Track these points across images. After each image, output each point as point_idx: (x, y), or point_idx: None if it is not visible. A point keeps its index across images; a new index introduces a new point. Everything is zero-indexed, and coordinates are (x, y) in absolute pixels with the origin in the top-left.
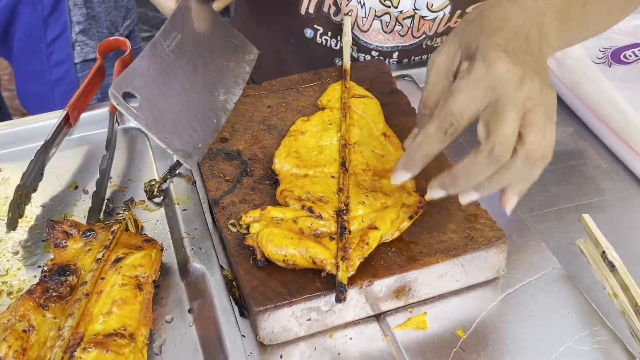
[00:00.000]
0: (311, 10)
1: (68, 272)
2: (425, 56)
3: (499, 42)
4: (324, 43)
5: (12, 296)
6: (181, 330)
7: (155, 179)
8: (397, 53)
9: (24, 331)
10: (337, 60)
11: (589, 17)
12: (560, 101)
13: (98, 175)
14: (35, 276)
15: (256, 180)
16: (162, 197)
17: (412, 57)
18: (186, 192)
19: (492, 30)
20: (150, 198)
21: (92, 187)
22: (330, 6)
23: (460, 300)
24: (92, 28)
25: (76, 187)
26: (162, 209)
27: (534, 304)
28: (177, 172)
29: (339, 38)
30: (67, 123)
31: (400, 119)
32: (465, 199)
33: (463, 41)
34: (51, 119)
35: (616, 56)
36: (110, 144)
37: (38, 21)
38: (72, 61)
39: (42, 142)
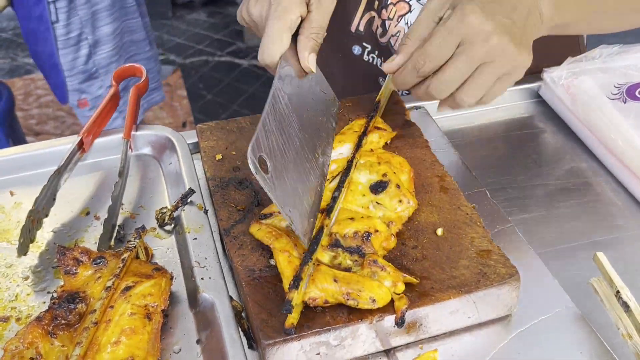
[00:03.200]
0: (361, 28)
1: (77, 300)
2: None
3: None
4: (370, 61)
5: (20, 322)
6: None
7: (167, 207)
8: None
9: (32, 359)
10: (381, 79)
11: (593, 6)
12: (574, 136)
13: (110, 202)
14: (45, 302)
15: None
16: (173, 225)
17: None
18: (197, 221)
19: None
20: (161, 226)
21: (103, 214)
22: (378, 27)
23: (472, 337)
24: None
25: (88, 213)
26: (173, 236)
27: (545, 343)
28: (188, 200)
29: (383, 59)
30: (80, 149)
31: (414, 151)
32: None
33: None
34: (65, 145)
35: (631, 92)
36: (123, 171)
37: None
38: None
39: (55, 167)
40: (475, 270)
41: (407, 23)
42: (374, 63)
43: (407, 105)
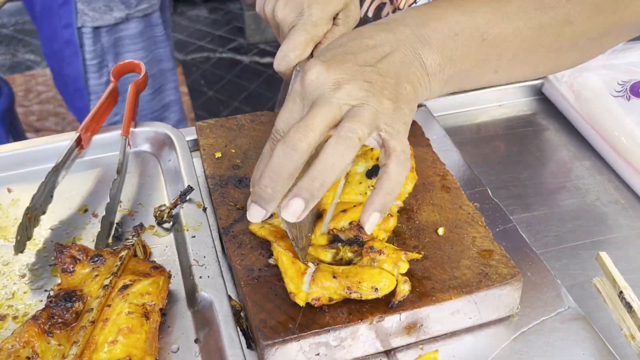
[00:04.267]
0: (370, 14)
1: (74, 298)
2: None
3: (327, 54)
4: None
5: (17, 320)
6: None
7: (165, 204)
8: None
9: (28, 358)
10: None
11: (491, 55)
12: (577, 134)
13: (108, 199)
14: (41, 300)
15: None
16: (171, 223)
17: None
18: (196, 219)
19: (334, 46)
20: (159, 223)
21: (101, 211)
22: (389, 13)
23: (473, 338)
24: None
25: (86, 210)
26: (172, 234)
27: (547, 344)
28: (187, 197)
29: None
30: (78, 145)
31: (415, 149)
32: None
33: None
34: (63, 141)
35: (635, 89)
36: (121, 168)
37: None
38: (74, 27)
39: (52, 164)
40: (477, 270)
41: None
42: None
43: None
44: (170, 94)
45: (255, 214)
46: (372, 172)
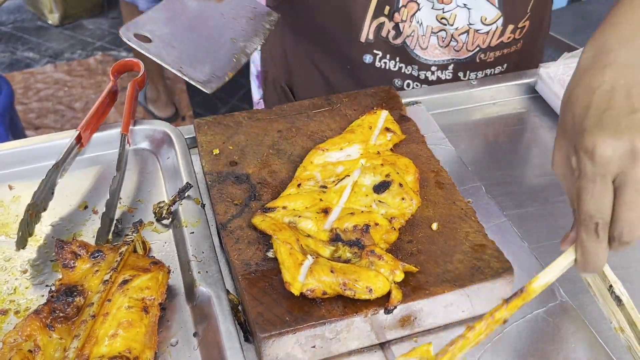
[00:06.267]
0: (371, 37)
1: (75, 293)
2: (481, 73)
3: (592, 121)
4: (382, 66)
5: (19, 315)
6: (186, 354)
7: (164, 201)
8: (452, 65)
9: (30, 351)
10: (396, 81)
11: None
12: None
13: (108, 196)
14: (43, 295)
15: (264, 205)
16: (170, 219)
17: (468, 72)
18: (195, 215)
19: (583, 110)
20: (158, 220)
21: (101, 208)
22: (389, 30)
23: None
24: None
25: (86, 207)
26: (171, 230)
27: (539, 336)
28: (186, 194)
29: (397, 60)
30: (78, 143)
31: (409, 146)
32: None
33: (566, 135)
34: (63, 139)
35: None
36: (120, 165)
37: None
38: None
39: (53, 161)
40: (470, 264)
41: (419, 22)
42: (387, 67)
43: (404, 101)
44: None
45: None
46: (380, 188)
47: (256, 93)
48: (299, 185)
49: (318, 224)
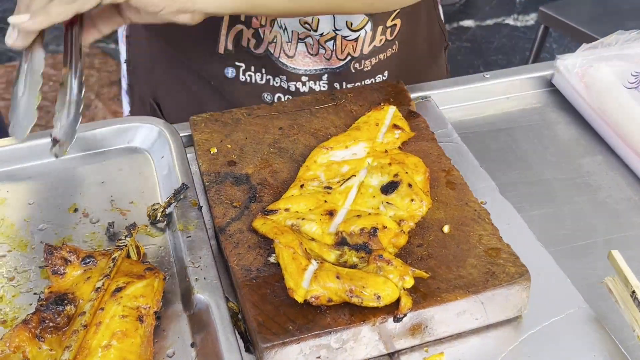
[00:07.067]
0: (230, 47)
1: (66, 302)
2: (360, 83)
3: None
4: (248, 80)
5: (6, 325)
6: None
7: (159, 203)
8: (326, 75)
9: None
10: (265, 95)
11: None
12: (589, 127)
13: (99, 197)
14: (31, 304)
15: (265, 207)
16: (165, 222)
17: (344, 83)
18: (191, 218)
19: None
20: (153, 223)
21: (92, 211)
22: (249, 39)
23: (480, 340)
24: None
25: (76, 210)
26: (166, 234)
27: (557, 345)
28: (182, 196)
29: (263, 71)
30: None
31: (419, 144)
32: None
33: None
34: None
35: None
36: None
37: None
38: None
39: (40, 161)
40: (484, 269)
41: (281, 27)
42: (253, 81)
43: (412, 96)
44: None
45: None
46: (388, 188)
47: (126, 110)
48: (301, 186)
49: (323, 227)
